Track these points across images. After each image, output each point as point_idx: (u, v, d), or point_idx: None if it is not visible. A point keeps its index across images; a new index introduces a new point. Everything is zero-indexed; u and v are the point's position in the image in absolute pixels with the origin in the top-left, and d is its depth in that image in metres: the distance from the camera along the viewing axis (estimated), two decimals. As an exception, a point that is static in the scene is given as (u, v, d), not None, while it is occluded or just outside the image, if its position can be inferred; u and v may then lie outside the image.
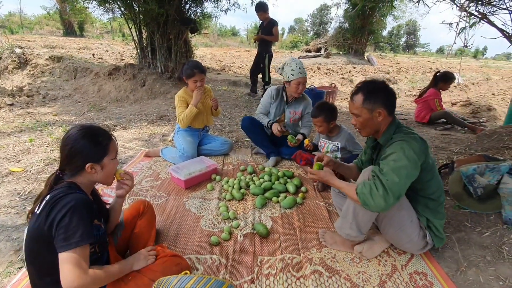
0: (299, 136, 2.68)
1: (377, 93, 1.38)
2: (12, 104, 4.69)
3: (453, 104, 6.38)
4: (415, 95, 7.78)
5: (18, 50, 6.66)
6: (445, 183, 2.25)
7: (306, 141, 2.54)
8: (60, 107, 4.94)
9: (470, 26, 2.48)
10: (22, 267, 1.45)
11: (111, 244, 1.34)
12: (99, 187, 2.08)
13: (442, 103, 4.45)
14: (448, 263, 1.53)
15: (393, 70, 11.02)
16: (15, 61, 6.38)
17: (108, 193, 2.15)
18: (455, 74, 4.41)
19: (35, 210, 1.02)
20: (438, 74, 4.35)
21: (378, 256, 1.56)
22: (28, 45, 8.53)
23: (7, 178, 2.38)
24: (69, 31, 21.37)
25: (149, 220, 1.48)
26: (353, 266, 1.51)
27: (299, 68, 2.57)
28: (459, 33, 2.32)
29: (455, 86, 8.63)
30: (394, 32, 44.20)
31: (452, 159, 2.49)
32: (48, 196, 1.02)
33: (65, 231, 0.94)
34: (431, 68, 12.27)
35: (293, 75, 2.57)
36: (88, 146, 1.09)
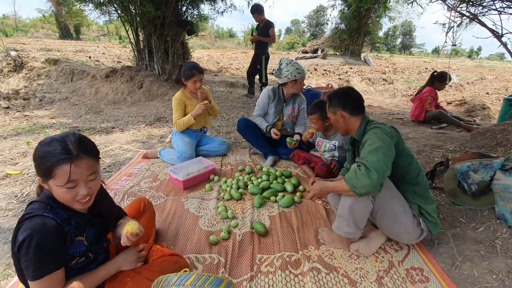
0: (297, 137, 2.71)
1: (334, 98, 1.63)
2: (8, 107, 4.68)
3: (449, 103, 6.46)
4: (411, 95, 7.85)
5: (13, 53, 6.64)
6: (440, 181, 2.28)
7: (311, 130, 2.55)
8: (57, 110, 4.94)
9: (458, 26, 2.53)
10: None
11: (111, 244, 1.34)
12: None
13: (435, 102, 4.51)
14: (444, 258, 1.56)
15: (389, 70, 11.11)
16: (10, 64, 6.36)
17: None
18: (451, 74, 4.48)
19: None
20: (435, 73, 4.42)
21: (375, 253, 1.59)
22: (24, 48, 8.49)
23: (4, 181, 2.38)
24: (65, 34, 21.28)
25: (149, 219, 1.49)
26: (351, 263, 1.53)
27: (298, 67, 2.64)
28: (447, 33, 2.37)
29: (450, 86, 8.73)
30: (390, 32, 44.48)
31: (447, 157, 2.52)
32: (24, 211, 0.97)
33: (23, 261, 0.90)
34: (426, 68, 12.37)
35: (299, 73, 2.65)
36: (36, 159, 0.96)
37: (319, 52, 13.96)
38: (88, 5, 5.74)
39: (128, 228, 1.12)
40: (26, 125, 3.93)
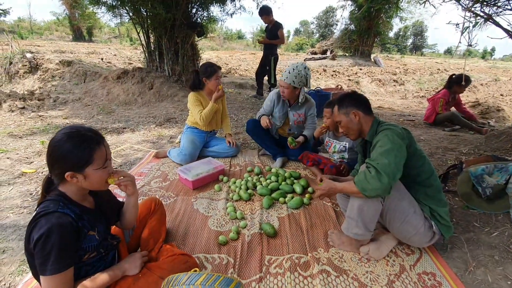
0: (300, 138, 2.69)
1: (345, 99, 1.63)
2: (23, 108, 4.81)
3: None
4: (422, 96, 7.73)
5: (29, 55, 6.83)
6: (453, 184, 2.24)
7: (324, 125, 2.46)
8: (70, 110, 5.05)
9: (473, 26, 2.46)
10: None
11: (122, 242, 1.37)
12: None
13: (447, 106, 4.41)
14: (457, 263, 1.52)
15: (400, 72, 10.95)
16: (26, 65, 6.54)
17: (118, 193, 2.18)
18: (468, 75, 4.37)
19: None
20: (453, 76, 4.33)
21: (386, 256, 1.56)
22: (38, 50, 8.72)
23: (20, 179, 2.44)
24: (78, 36, 21.83)
25: (160, 218, 1.51)
26: (361, 266, 1.51)
27: (286, 72, 2.58)
28: (462, 33, 2.31)
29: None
30: (401, 33, 43.92)
31: (460, 160, 2.47)
32: (36, 210, 0.99)
33: (39, 257, 0.92)
34: (438, 69, 12.14)
35: (280, 78, 2.66)
36: (68, 153, 0.97)
37: (328, 53, 13.87)
38: (100, 8, 5.87)
39: (110, 182, 1.12)
40: (41, 125, 4.03)
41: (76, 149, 0.98)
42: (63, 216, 0.96)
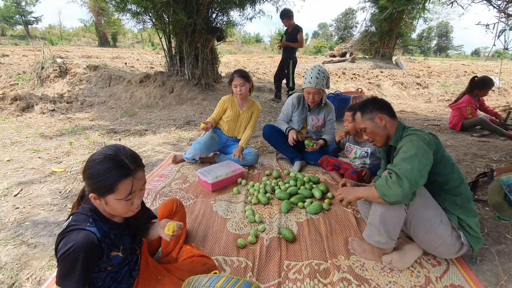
0: (320, 141, 2.65)
1: (368, 104, 1.59)
2: (53, 110, 5.07)
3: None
4: (448, 100, 7.43)
5: (59, 60, 7.21)
6: (483, 193, 2.12)
7: (345, 129, 2.39)
8: (96, 113, 5.27)
9: (510, 28, 2.33)
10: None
11: (144, 244, 1.40)
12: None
13: (476, 110, 4.21)
14: (487, 276, 1.44)
15: (423, 74, 10.57)
16: (56, 70, 6.90)
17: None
18: (493, 78, 4.16)
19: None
20: (475, 79, 4.14)
21: (410, 267, 1.51)
22: (67, 55, 9.17)
23: (50, 177, 2.57)
24: (103, 42, 22.86)
25: (180, 219, 1.53)
26: (384, 276, 1.46)
27: (311, 77, 2.54)
28: (499, 36, 2.18)
29: (493, 91, 8.13)
30: (424, 34, 42.54)
31: (491, 167, 2.34)
32: (67, 221, 1.02)
33: (62, 269, 0.95)
34: (465, 72, 11.62)
35: (304, 83, 2.61)
36: (95, 176, 0.97)
37: (348, 55, 13.63)
38: (126, 15, 6.11)
39: (170, 228, 1.15)
40: (69, 127, 4.23)
41: (100, 176, 0.97)
42: (89, 235, 0.97)
